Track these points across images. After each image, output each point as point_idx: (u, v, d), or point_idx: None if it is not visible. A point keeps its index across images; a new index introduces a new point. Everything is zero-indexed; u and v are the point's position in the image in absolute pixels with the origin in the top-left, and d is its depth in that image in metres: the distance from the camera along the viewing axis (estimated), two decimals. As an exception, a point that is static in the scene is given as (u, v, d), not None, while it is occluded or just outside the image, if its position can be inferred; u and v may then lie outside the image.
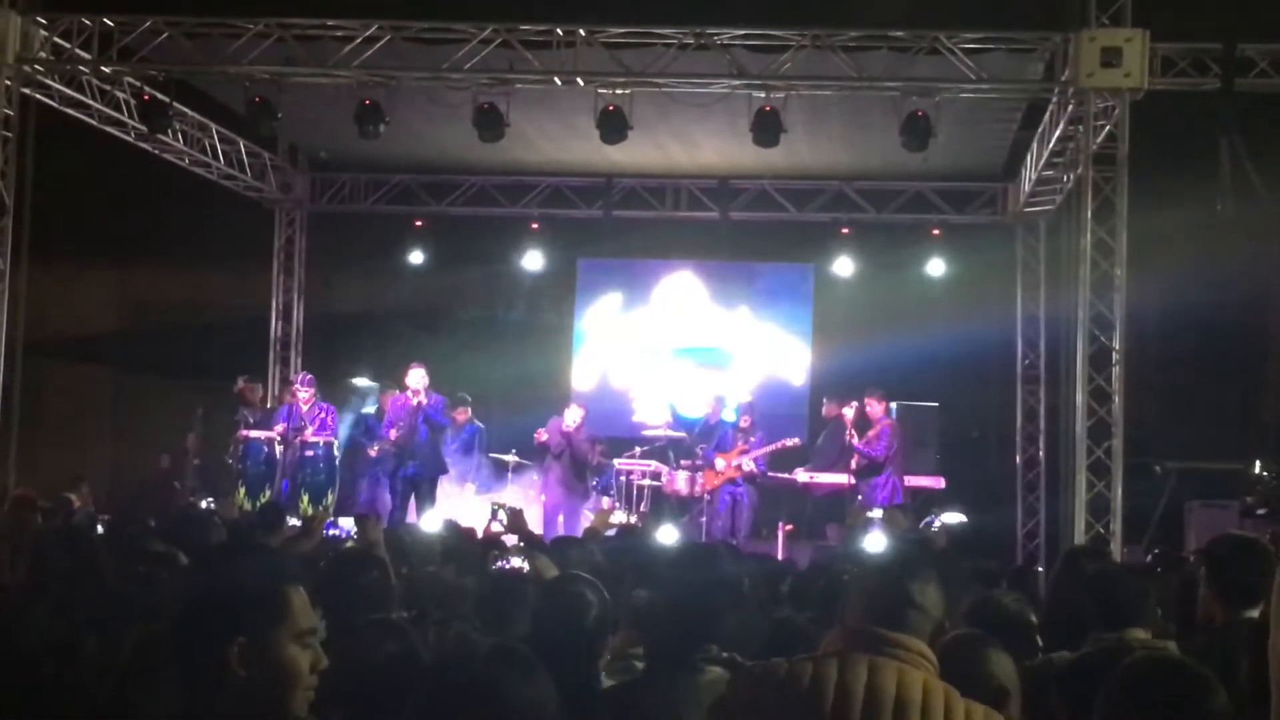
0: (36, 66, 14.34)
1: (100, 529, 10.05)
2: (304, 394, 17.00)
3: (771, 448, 16.91)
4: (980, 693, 3.61)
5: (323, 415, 16.99)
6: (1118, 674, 3.34)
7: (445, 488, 16.74)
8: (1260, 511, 14.00)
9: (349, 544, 9.67)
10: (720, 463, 16.80)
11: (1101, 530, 13.23)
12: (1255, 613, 5.20)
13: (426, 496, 16.06)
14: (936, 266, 19.11)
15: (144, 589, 5.33)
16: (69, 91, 14.91)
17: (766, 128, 14.32)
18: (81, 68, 14.72)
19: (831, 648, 3.52)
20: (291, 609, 2.92)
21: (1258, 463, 14.57)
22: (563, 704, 3.02)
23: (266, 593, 2.92)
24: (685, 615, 4.32)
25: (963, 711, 3.38)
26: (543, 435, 17.15)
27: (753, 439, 16.96)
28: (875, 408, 16.48)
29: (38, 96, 14.58)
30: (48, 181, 14.67)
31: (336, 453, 17.14)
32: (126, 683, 3.97)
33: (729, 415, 17.58)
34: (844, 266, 19.17)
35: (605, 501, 16.97)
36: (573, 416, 17.27)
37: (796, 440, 17.20)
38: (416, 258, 19.90)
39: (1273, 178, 13.06)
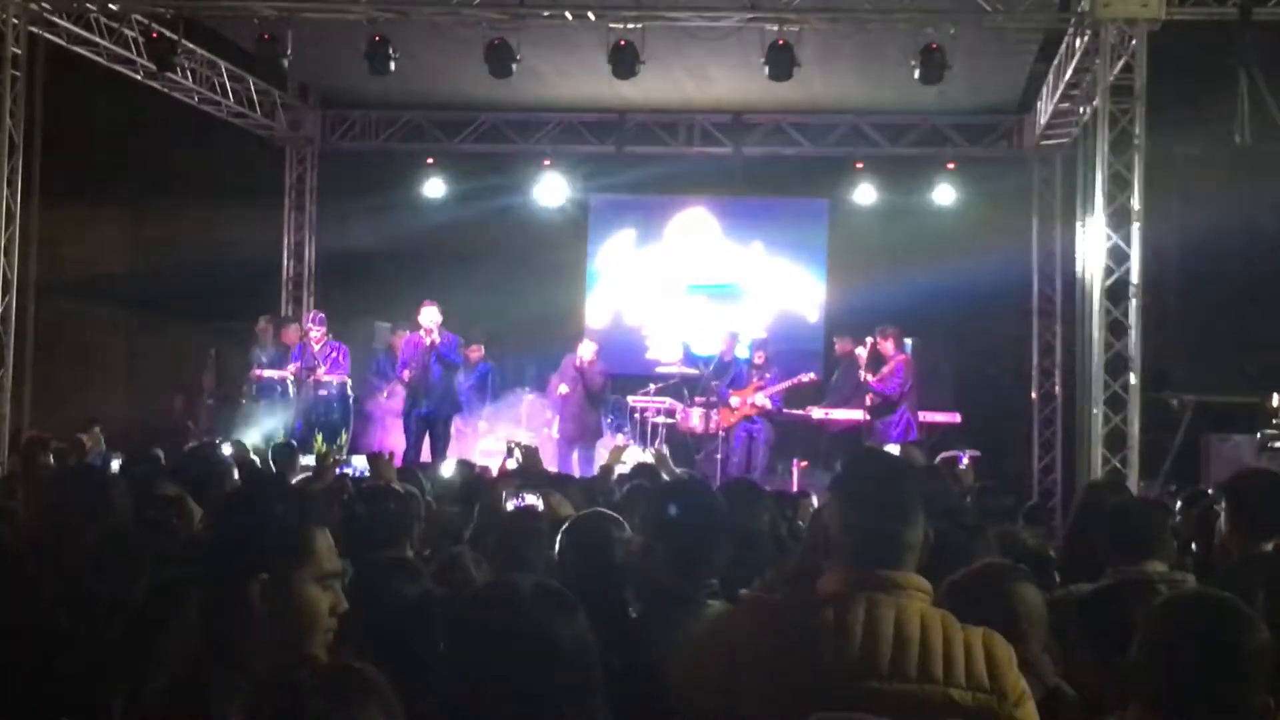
0: (44, 4, 14.23)
1: (114, 467, 10.03)
2: (316, 333, 16.99)
3: (788, 383, 16.90)
4: (1003, 624, 3.61)
5: (335, 354, 16.99)
6: (1158, 609, 3.31)
7: (459, 426, 16.77)
8: (1277, 445, 13.93)
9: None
10: (735, 400, 16.79)
11: (1118, 465, 13.20)
12: (1271, 545, 5.20)
13: (441, 436, 16.07)
14: (952, 200, 19.03)
15: (156, 531, 5.31)
16: (77, 30, 14.79)
17: (779, 62, 14.19)
18: (89, 5, 14.61)
19: (829, 587, 3.51)
20: (316, 550, 2.96)
21: (1275, 395, 14.48)
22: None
23: (292, 532, 2.95)
24: (674, 551, 4.28)
25: (961, 640, 3.39)
26: (563, 388, 17.10)
27: (767, 375, 16.95)
28: (886, 345, 16.44)
29: (46, 35, 14.48)
30: (58, 121, 14.61)
31: (350, 392, 17.16)
32: (138, 625, 3.95)
33: (743, 352, 17.55)
34: (858, 200, 19.10)
35: (619, 438, 16.98)
36: (586, 351, 17.22)
37: (813, 375, 17.19)
38: (428, 195, 19.85)
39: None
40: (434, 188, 19.85)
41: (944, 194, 19.04)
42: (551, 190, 19.65)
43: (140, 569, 4.32)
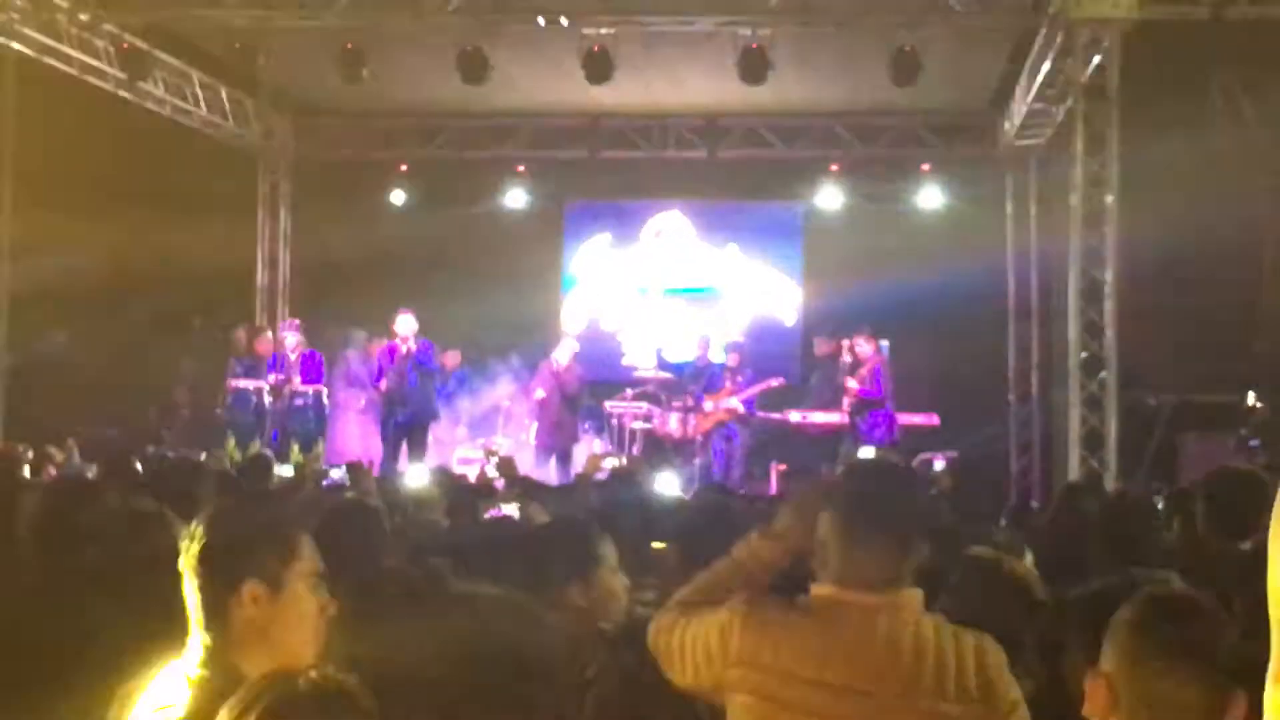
0: (14, 15, 14.13)
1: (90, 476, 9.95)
2: (291, 341, 16.91)
3: (756, 388, 16.84)
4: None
5: (310, 363, 16.91)
6: (1131, 608, 3.29)
7: (437, 434, 16.70)
8: (1254, 444, 13.97)
9: (347, 493, 9.60)
10: (709, 404, 16.75)
11: (1095, 465, 13.21)
12: (1249, 544, 5.19)
13: (418, 443, 15.99)
14: (927, 202, 19.07)
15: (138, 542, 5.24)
16: (48, 41, 14.69)
17: (753, 65, 14.21)
18: (59, 15, 14.52)
19: (824, 596, 3.48)
20: (301, 551, 2.98)
21: (1251, 394, 14.52)
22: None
23: (278, 534, 2.98)
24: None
25: (953, 649, 3.38)
26: (539, 393, 17.03)
27: (740, 379, 16.89)
28: (864, 347, 16.40)
29: (15, 46, 14.38)
30: (30, 132, 14.51)
31: (325, 401, 17.08)
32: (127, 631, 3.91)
33: (718, 356, 17.52)
34: (833, 202, 19.12)
35: (596, 445, 16.94)
36: (563, 354, 17.08)
37: (780, 380, 17.13)
38: (402, 202, 19.78)
39: (1264, 107, 12.96)
40: (407, 195, 19.78)
41: (919, 196, 19.06)
42: (525, 196, 19.60)
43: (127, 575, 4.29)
